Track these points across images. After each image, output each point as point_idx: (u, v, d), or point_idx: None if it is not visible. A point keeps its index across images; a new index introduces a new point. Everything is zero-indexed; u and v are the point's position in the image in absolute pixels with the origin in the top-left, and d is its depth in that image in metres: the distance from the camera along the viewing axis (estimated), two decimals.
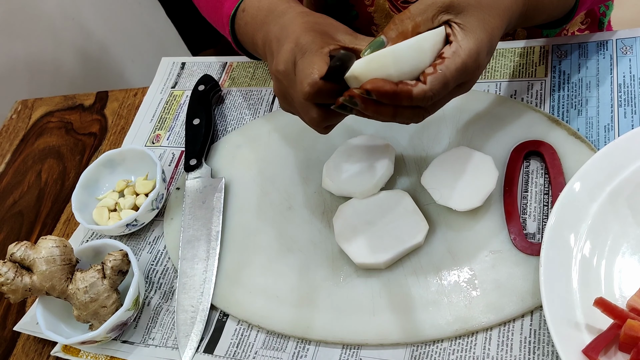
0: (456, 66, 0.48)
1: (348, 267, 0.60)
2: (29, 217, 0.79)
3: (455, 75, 0.48)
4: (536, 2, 0.57)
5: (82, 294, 0.61)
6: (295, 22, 0.58)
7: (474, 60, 0.49)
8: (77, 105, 0.90)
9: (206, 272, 0.64)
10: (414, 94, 0.47)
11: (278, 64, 0.55)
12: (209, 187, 0.70)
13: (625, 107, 0.63)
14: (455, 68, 0.48)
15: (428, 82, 0.48)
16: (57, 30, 1.34)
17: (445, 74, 0.48)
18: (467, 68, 0.49)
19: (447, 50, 0.49)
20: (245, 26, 0.67)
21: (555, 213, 0.54)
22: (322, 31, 0.56)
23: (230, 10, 0.69)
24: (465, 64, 0.49)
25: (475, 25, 0.50)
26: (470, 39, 0.49)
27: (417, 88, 0.48)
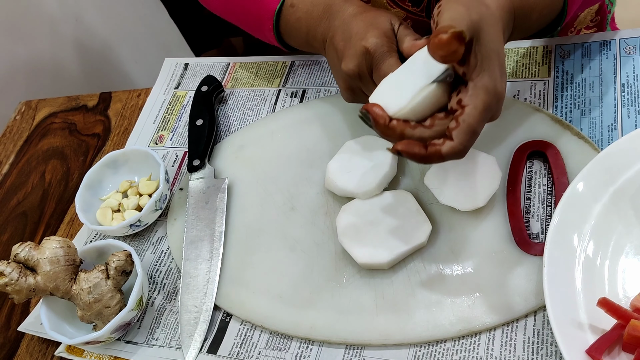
0: (479, 110, 0.47)
1: (351, 267, 0.60)
2: (33, 217, 0.80)
3: (480, 119, 0.47)
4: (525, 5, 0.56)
5: (86, 294, 0.61)
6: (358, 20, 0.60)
7: (494, 96, 0.48)
8: (80, 106, 0.90)
9: (209, 273, 0.64)
10: (443, 153, 0.47)
11: (348, 64, 0.58)
12: (212, 188, 0.71)
13: (628, 107, 0.63)
14: (478, 113, 0.47)
15: (455, 136, 0.47)
16: (60, 31, 1.35)
17: (469, 123, 0.47)
18: (490, 107, 0.48)
19: (464, 97, 0.47)
20: (298, 21, 0.67)
21: (558, 213, 0.54)
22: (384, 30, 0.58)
23: (275, 6, 0.69)
24: (488, 103, 0.47)
25: (487, 55, 0.48)
26: (484, 76, 0.47)
27: (446, 147, 0.47)
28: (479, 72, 0.47)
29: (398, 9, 0.79)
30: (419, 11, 0.79)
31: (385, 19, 0.60)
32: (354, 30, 0.59)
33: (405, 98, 0.49)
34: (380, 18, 0.60)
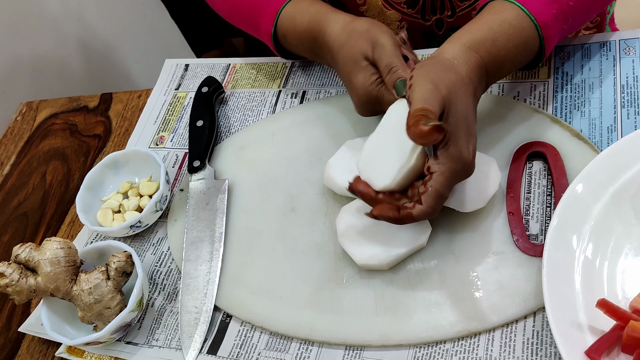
0: (444, 177, 0.51)
1: (351, 268, 0.61)
2: (34, 218, 0.80)
3: (446, 184, 0.51)
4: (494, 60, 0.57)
5: (87, 295, 0.61)
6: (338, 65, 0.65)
7: (459, 163, 0.51)
8: (81, 107, 0.91)
9: (210, 274, 0.64)
10: (414, 215, 0.52)
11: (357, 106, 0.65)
12: (212, 189, 0.71)
13: (628, 108, 0.63)
14: (444, 179, 0.51)
15: (424, 201, 0.51)
16: (61, 31, 1.35)
17: (436, 188, 0.51)
18: (457, 173, 0.52)
19: (432, 165, 0.51)
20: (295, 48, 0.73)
21: (558, 214, 0.54)
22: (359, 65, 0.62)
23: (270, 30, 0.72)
24: (453, 170, 0.51)
25: (455, 124, 0.51)
26: (450, 144, 0.51)
27: (416, 210, 0.52)
28: (445, 142, 0.51)
29: (393, 11, 0.79)
30: (414, 13, 0.79)
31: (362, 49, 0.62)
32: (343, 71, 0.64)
33: (389, 177, 0.54)
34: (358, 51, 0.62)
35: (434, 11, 0.79)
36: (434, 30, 0.81)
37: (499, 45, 0.57)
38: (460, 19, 0.79)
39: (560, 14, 0.58)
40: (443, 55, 0.55)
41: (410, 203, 0.52)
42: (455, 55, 0.55)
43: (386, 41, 0.61)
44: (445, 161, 0.51)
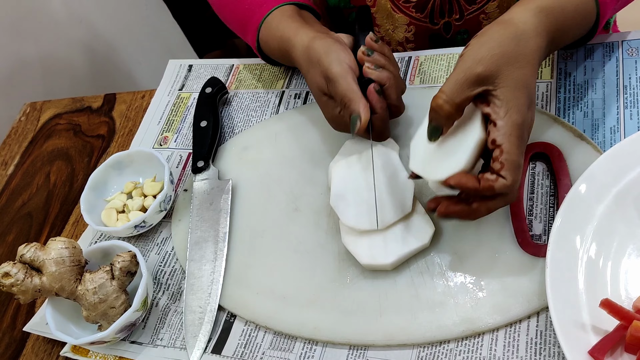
0: (516, 146, 0.50)
1: (354, 268, 0.61)
2: (38, 218, 0.80)
3: (519, 153, 0.51)
4: (561, 28, 0.57)
5: (91, 294, 0.61)
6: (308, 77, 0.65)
7: (524, 128, 0.51)
8: (85, 108, 0.91)
9: (214, 274, 0.64)
10: (496, 188, 0.50)
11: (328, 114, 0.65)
12: (216, 189, 0.71)
13: (631, 109, 0.63)
14: (516, 149, 0.50)
15: (505, 175, 0.50)
16: (65, 32, 1.35)
17: (512, 160, 0.50)
18: (523, 138, 0.51)
19: (497, 137, 0.51)
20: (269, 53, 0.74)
21: (561, 214, 0.54)
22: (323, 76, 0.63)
23: (254, 40, 0.74)
24: (520, 137, 0.51)
25: (512, 92, 0.51)
26: (512, 111, 0.51)
27: (499, 183, 0.50)
28: (506, 111, 0.51)
29: (402, 15, 0.80)
30: (422, 17, 0.79)
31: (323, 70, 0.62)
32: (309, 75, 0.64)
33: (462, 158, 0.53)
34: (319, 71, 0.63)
35: (442, 15, 0.79)
36: (441, 33, 0.81)
37: (567, 14, 0.56)
38: (468, 22, 0.79)
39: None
40: (512, 20, 0.54)
41: (491, 175, 0.51)
42: (526, 20, 0.54)
43: (336, 73, 0.60)
44: (510, 130, 0.50)
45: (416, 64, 0.75)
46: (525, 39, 0.53)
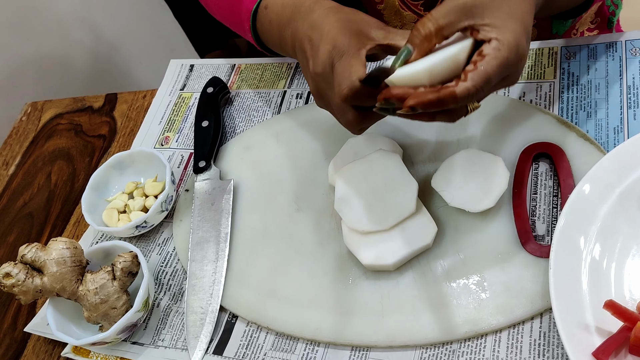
0: (498, 61, 0.47)
1: (356, 269, 0.61)
2: (39, 218, 0.80)
3: (497, 71, 0.48)
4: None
5: (93, 295, 0.61)
6: (328, 20, 0.57)
7: (515, 53, 0.48)
8: (86, 107, 0.91)
9: (215, 274, 0.64)
10: (457, 93, 0.47)
11: (316, 66, 0.56)
12: (217, 189, 0.71)
13: (634, 109, 0.62)
14: (497, 63, 0.47)
15: (469, 78, 0.47)
16: (66, 31, 1.35)
17: (486, 69, 0.47)
18: (509, 62, 0.48)
19: (486, 47, 0.48)
20: (270, 24, 0.67)
21: (564, 215, 0.54)
22: (356, 30, 0.56)
23: (251, 7, 0.69)
24: (507, 58, 0.48)
25: (506, 19, 0.49)
26: (506, 32, 0.48)
27: (460, 87, 0.47)
28: (503, 30, 0.48)
29: (409, 12, 0.79)
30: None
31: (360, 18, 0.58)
32: (324, 32, 0.57)
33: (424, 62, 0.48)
34: (355, 17, 0.58)
35: None
36: None
37: None
38: None
39: None
40: None
41: (452, 82, 0.47)
42: None
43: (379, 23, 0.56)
44: (500, 46, 0.48)
45: None
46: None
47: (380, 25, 0.58)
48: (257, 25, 0.70)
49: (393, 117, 0.51)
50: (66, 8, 1.34)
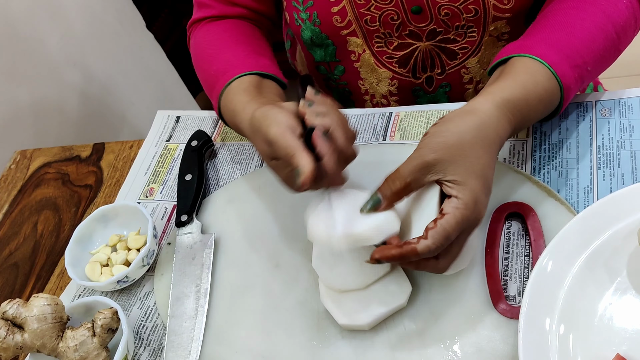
0: (456, 219, 0.52)
1: (333, 327, 0.61)
2: (24, 269, 0.81)
3: (456, 228, 0.52)
4: (524, 118, 0.59)
5: (72, 352, 0.62)
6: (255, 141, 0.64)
7: (472, 211, 0.53)
8: (74, 157, 0.92)
9: (194, 331, 0.65)
10: (418, 250, 0.51)
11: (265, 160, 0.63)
12: (199, 243, 0.72)
13: (604, 170, 0.64)
14: (455, 221, 0.52)
15: (429, 236, 0.51)
16: (59, 75, 1.37)
17: (445, 227, 0.51)
18: (468, 219, 0.53)
19: (446, 206, 0.53)
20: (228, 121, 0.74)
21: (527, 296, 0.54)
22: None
23: (216, 107, 0.76)
24: (465, 215, 0.52)
25: (466, 176, 0.53)
26: (465, 191, 0.53)
27: (420, 245, 0.51)
28: (463, 188, 0.53)
29: (385, 69, 0.82)
30: (405, 72, 0.81)
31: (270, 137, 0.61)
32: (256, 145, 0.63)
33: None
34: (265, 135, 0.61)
35: (424, 69, 0.81)
36: (424, 87, 0.83)
37: (530, 106, 0.59)
38: (450, 76, 0.81)
39: (579, 78, 0.61)
40: (474, 111, 0.56)
41: (414, 239, 0.52)
42: (488, 111, 0.56)
43: (275, 134, 0.58)
44: (459, 205, 0.52)
45: (396, 119, 0.77)
46: (485, 129, 0.55)
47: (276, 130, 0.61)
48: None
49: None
50: (59, 51, 1.37)
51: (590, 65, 0.62)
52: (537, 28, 0.65)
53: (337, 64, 0.85)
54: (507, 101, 0.57)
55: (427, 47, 0.78)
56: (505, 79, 0.60)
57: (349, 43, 0.80)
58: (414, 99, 0.86)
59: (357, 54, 0.81)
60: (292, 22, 0.81)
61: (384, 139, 0.76)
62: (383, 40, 0.79)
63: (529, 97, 0.59)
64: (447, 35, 0.76)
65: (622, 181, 0.63)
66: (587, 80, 0.63)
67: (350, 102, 0.92)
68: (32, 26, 1.29)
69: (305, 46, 0.84)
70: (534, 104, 0.59)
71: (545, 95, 0.60)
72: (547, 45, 0.61)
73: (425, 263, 0.54)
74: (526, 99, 0.58)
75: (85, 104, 1.43)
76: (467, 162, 0.53)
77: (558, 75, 0.60)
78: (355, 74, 0.85)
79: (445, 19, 0.74)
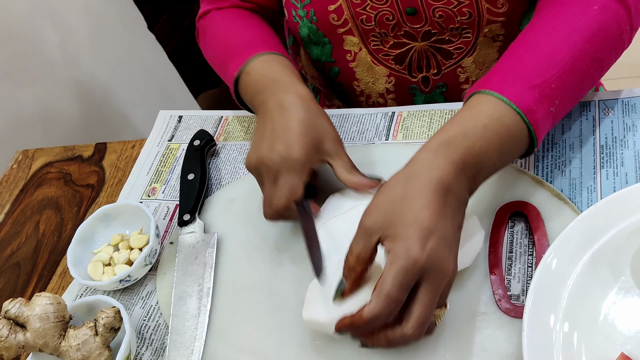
0: (392, 275, 0.49)
1: None
2: (26, 268, 0.81)
3: (394, 283, 0.49)
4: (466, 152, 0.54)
5: (75, 351, 0.62)
6: (294, 115, 0.64)
7: (406, 259, 0.49)
8: (76, 157, 0.92)
9: (197, 330, 0.65)
10: (365, 316, 0.50)
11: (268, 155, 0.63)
12: (201, 243, 0.72)
13: (607, 169, 0.64)
14: (391, 277, 0.49)
15: (372, 300, 0.49)
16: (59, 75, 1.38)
17: (382, 286, 0.49)
18: (404, 270, 0.49)
19: (385, 266, 0.50)
20: (247, 87, 0.73)
21: (532, 293, 0.54)
22: (313, 138, 0.63)
23: (235, 71, 0.74)
24: (400, 267, 0.49)
25: (397, 227, 0.51)
26: (394, 242, 0.50)
27: (366, 311, 0.49)
28: (396, 240, 0.50)
29: (382, 67, 0.82)
30: (401, 69, 0.82)
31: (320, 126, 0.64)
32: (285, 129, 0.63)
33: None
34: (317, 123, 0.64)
35: (420, 69, 0.81)
36: (420, 86, 0.83)
37: (473, 136, 0.54)
38: (446, 77, 0.81)
39: (544, 98, 0.57)
40: (409, 163, 0.55)
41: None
42: (420, 159, 0.54)
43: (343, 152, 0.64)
44: (391, 259, 0.50)
45: (399, 119, 0.77)
46: (413, 176, 0.53)
47: (335, 138, 0.64)
48: (238, 87, 0.75)
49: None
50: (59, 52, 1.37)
51: (555, 81, 0.57)
52: (502, 56, 0.62)
53: (332, 65, 0.85)
54: (442, 141, 0.54)
55: (423, 47, 0.78)
56: (446, 123, 0.57)
57: (345, 42, 0.81)
58: (410, 97, 0.86)
59: (354, 53, 0.82)
60: (290, 19, 0.82)
61: (387, 139, 0.76)
62: (379, 39, 0.79)
63: (468, 130, 0.55)
64: (441, 36, 0.76)
65: (626, 180, 0.63)
66: (560, 99, 0.58)
67: (348, 102, 0.92)
68: (33, 27, 1.29)
69: (303, 43, 0.85)
70: (479, 133, 0.54)
71: (493, 122, 0.55)
72: (500, 75, 0.58)
73: (390, 333, 0.51)
74: (464, 132, 0.54)
75: (86, 105, 1.43)
76: (396, 214, 0.51)
77: (508, 99, 0.56)
78: (350, 75, 0.85)
79: (439, 21, 0.74)
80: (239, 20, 0.81)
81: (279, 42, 0.78)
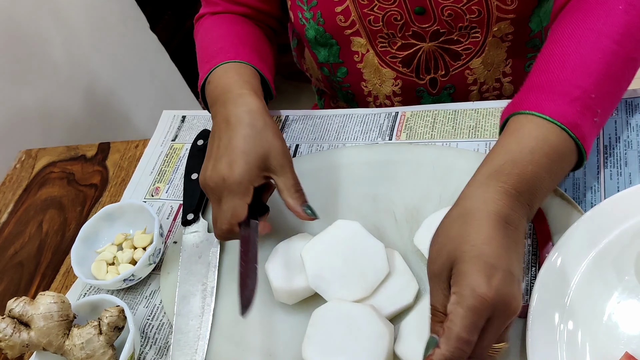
0: (460, 317, 0.47)
1: None
2: (29, 268, 0.81)
3: (463, 325, 0.47)
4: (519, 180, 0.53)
5: (79, 350, 0.62)
6: (240, 131, 0.63)
7: (475, 298, 0.47)
8: (79, 156, 0.92)
9: (200, 329, 0.65)
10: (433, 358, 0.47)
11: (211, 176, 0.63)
12: (205, 242, 0.72)
13: (611, 169, 0.64)
14: (460, 320, 0.47)
15: (441, 344, 0.47)
16: (63, 76, 1.38)
17: (451, 329, 0.47)
18: (475, 309, 0.47)
19: (449, 305, 0.48)
20: (208, 97, 0.74)
21: (537, 291, 0.54)
22: (259, 154, 0.63)
23: (201, 80, 0.75)
24: (469, 306, 0.47)
25: (460, 267, 0.49)
26: (459, 283, 0.48)
27: (436, 355, 0.47)
28: (461, 280, 0.48)
29: (389, 69, 0.82)
30: (408, 72, 0.81)
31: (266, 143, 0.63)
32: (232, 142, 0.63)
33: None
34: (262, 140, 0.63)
35: (427, 71, 0.81)
36: (427, 89, 0.83)
37: (522, 162, 0.53)
38: (454, 78, 0.81)
39: (586, 109, 0.55)
40: (459, 200, 0.53)
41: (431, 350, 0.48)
42: (470, 194, 0.53)
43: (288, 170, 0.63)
44: (459, 299, 0.47)
45: (403, 119, 0.77)
46: (469, 214, 0.51)
47: (281, 152, 0.64)
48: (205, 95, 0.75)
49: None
50: (63, 52, 1.37)
51: (594, 90, 0.56)
52: (530, 73, 0.60)
53: (339, 66, 0.85)
54: (490, 173, 0.53)
55: (431, 47, 0.78)
56: (490, 151, 0.56)
57: (353, 43, 0.80)
58: (417, 100, 0.86)
59: (361, 55, 0.82)
60: (296, 22, 0.81)
61: (390, 139, 0.76)
62: (387, 41, 0.79)
63: (515, 156, 0.53)
64: (450, 36, 0.76)
65: (629, 180, 0.63)
66: (602, 108, 0.57)
67: (354, 104, 0.92)
68: (36, 27, 1.30)
69: (310, 45, 0.84)
70: (527, 158, 0.53)
71: (539, 144, 0.54)
72: (536, 93, 0.57)
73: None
74: (512, 159, 0.53)
75: (88, 105, 1.43)
76: (456, 254, 0.49)
77: (551, 117, 0.54)
78: (358, 76, 0.85)
79: (448, 20, 0.74)
80: (222, 26, 0.81)
81: (255, 50, 0.77)
